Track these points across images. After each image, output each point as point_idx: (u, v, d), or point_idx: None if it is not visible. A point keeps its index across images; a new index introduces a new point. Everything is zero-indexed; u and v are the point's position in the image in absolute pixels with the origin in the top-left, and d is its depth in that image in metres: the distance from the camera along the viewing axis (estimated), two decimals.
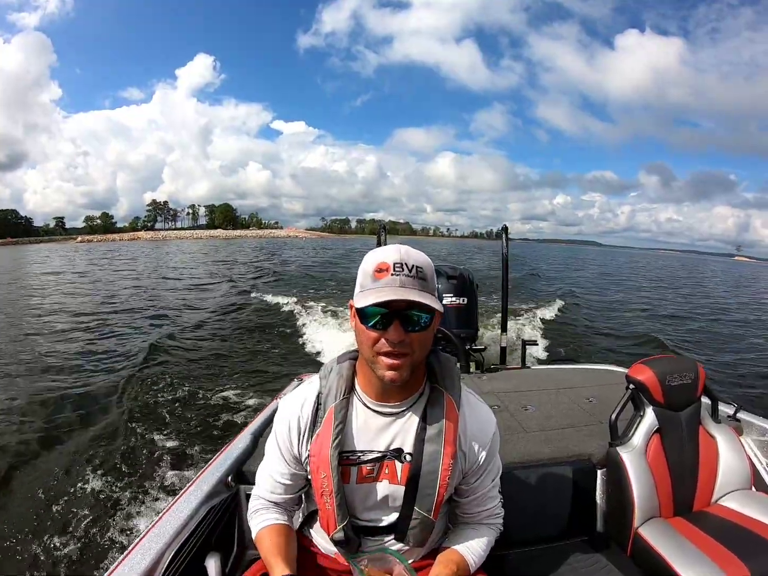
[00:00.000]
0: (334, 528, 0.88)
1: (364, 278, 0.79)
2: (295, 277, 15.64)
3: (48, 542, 2.35)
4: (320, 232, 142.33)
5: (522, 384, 2.24)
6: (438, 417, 0.87)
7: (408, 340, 0.78)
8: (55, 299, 11.54)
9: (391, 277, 0.76)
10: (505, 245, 3.21)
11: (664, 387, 1.39)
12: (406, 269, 0.77)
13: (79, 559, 2.26)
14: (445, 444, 0.85)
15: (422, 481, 0.86)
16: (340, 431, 0.86)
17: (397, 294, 0.75)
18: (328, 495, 0.86)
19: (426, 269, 0.79)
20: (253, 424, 1.66)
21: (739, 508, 1.35)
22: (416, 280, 0.77)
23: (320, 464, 0.86)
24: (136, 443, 3.37)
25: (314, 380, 0.94)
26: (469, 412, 0.91)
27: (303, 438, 0.90)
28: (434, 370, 0.91)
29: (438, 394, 0.89)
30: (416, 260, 0.79)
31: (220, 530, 1.32)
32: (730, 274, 43.37)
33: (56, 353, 6.35)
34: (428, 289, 0.79)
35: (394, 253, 0.78)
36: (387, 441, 0.88)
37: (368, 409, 0.89)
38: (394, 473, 0.88)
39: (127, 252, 37.74)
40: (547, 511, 1.44)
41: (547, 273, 23.45)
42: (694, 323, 10.53)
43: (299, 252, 37.09)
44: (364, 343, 0.80)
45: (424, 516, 0.87)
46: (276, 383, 4.66)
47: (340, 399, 0.88)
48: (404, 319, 0.77)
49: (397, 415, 0.88)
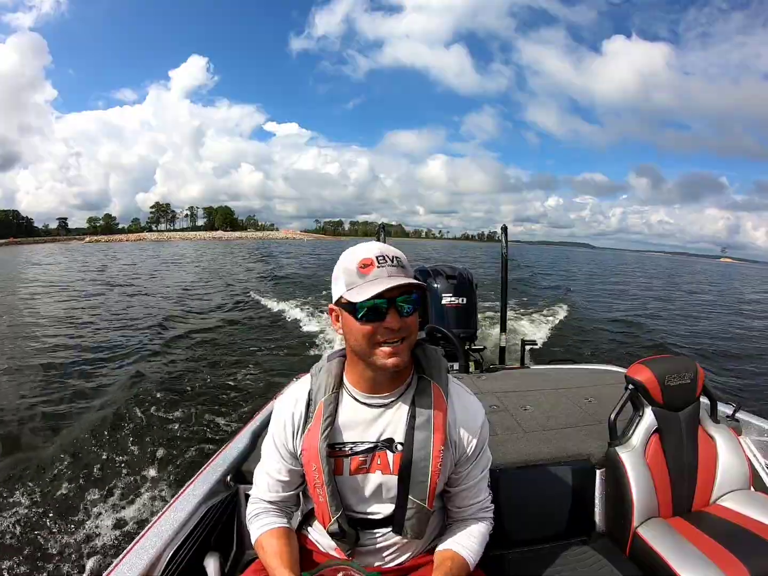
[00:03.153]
0: (329, 520, 0.90)
1: (350, 276, 0.82)
2: (296, 278, 15.68)
3: (47, 542, 2.36)
4: (316, 234, 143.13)
5: (521, 384, 2.23)
6: (426, 405, 0.89)
7: (404, 326, 0.82)
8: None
9: (378, 269, 0.80)
10: (504, 246, 3.22)
11: (663, 387, 1.39)
12: (388, 260, 0.82)
13: (79, 559, 2.26)
14: (434, 431, 0.88)
15: (414, 469, 0.88)
16: (329, 424, 0.89)
17: (393, 282, 0.78)
18: (320, 487, 0.89)
19: (402, 258, 0.85)
20: (252, 424, 1.66)
21: (737, 508, 1.35)
22: (399, 268, 0.82)
23: (311, 457, 0.88)
24: (135, 443, 3.37)
25: (306, 379, 0.97)
26: (457, 402, 0.94)
27: (297, 434, 0.93)
28: (420, 361, 0.94)
29: (425, 384, 0.92)
30: (393, 252, 0.85)
31: (219, 530, 1.32)
32: (705, 274, 44.14)
33: (79, 345, 6.59)
34: (410, 275, 0.84)
35: (373, 249, 0.84)
36: (378, 432, 0.90)
37: (357, 402, 0.91)
38: (386, 463, 0.90)
39: (154, 252, 38.99)
40: (546, 511, 1.44)
41: (543, 274, 23.48)
42: (694, 323, 10.53)
43: (299, 251, 37.40)
44: (358, 338, 0.82)
45: (419, 505, 0.88)
46: (276, 383, 4.66)
47: (329, 393, 0.91)
48: (397, 306, 0.81)
49: (386, 406, 0.91)
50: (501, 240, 3.27)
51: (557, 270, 30.53)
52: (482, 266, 22.15)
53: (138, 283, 15.33)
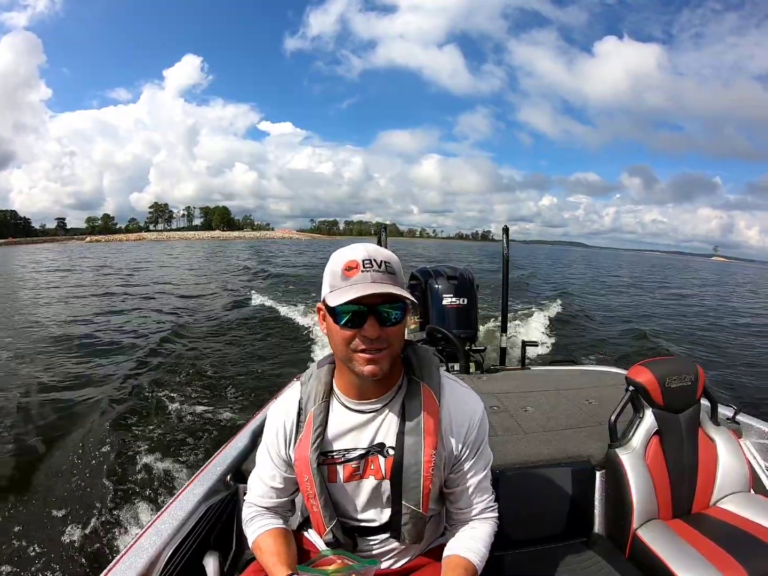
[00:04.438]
0: (323, 530, 0.89)
1: (334, 278, 0.79)
2: (296, 279, 15.68)
3: (47, 541, 2.35)
4: (311, 234, 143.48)
5: (522, 385, 2.23)
6: (416, 408, 0.87)
7: (384, 335, 0.78)
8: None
9: (361, 273, 0.77)
10: (505, 246, 3.23)
11: (663, 389, 1.39)
12: (375, 265, 0.77)
13: (78, 558, 2.25)
14: (425, 435, 0.86)
15: (405, 474, 0.86)
16: (319, 434, 0.87)
17: (371, 289, 0.75)
18: (313, 498, 0.88)
19: (394, 264, 0.80)
20: (252, 423, 1.66)
21: (737, 510, 1.35)
22: (386, 274, 0.78)
23: (302, 468, 0.88)
24: (135, 443, 3.37)
25: (296, 387, 0.96)
26: (451, 400, 0.91)
27: (289, 443, 0.92)
28: (411, 363, 0.91)
29: (416, 386, 0.89)
30: (384, 256, 0.80)
31: (219, 529, 1.31)
32: (702, 274, 44.37)
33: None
34: (398, 282, 0.80)
35: (361, 251, 0.79)
36: (370, 437, 0.89)
37: (348, 409, 0.89)
38: (378, 468, 0.89)
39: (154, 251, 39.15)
40: (546, 512, 1.44)
41: (540, 274, 23.47)
42: (693, 324, 10.51)
43: (297, 249, 37.51)
44: (338, 343, 0.80)
45: (413, 510, 0.87)
46: (276, 382, 4.66)
47: (319, 402, 0.89)
48: (378, 315, 0.77)
49: (377, 411, 0.89)
50: (502, 240, 3.27)
51: (555, 270, 30.52)
52: (472, 265, 22.16)
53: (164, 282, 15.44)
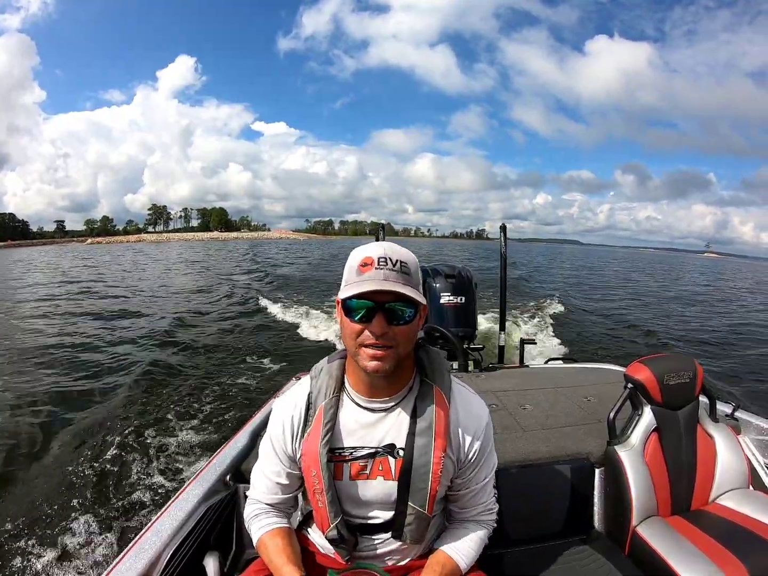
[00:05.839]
0: (327, 526, 0.89)
1: (350, 273, 0.81)
2: (296, 279, 15.69)
3: (47, 541, 2.35)
4: (308, 234, 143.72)
5: (520, 383, 2.23)
6: (428, 410, 0.87)
7: (391, 334, 0.79)
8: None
9: (375, 270, 0.78)
10: (503, 244, 3.22)
11: (662, 386, 1.39)
12: (390, 263, 0.78)
13: (78, 559, 2.25)
14: (435, 437, 0.86)
15: (414, 476, 0.86)
16: (329, 429, 0.87)
17: (380, 286, 0.76)
18: (319, 493, 0.87)
19: (410, 264, 0.81)
20: (252, 423, 1.66)
21: (736, 507, 1.35)
22: (400, 274, 0.79)
23: (310, 462, 0.87)
24: (134, 443, 3.36)
25: (305, 381, 0.95)
26: (461, 405, 0.92)
27: (296, 438, 0.91)
28: (423, 364, 0.92)
29: (427, 388, 0.89)
30: (400, 255, 0.80)
31: (219, 529, 1.31)
32: (699, 271, 44.57)
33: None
34: (412, 283, 0.80)
35: (378, 249, 0.80)
36: (379, 437, 0.89)
37: (358, 406, 0.89)
38: (388, 469, 0.88)
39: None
40: (545, 510, 1.44)
41: (538, 272, 23.49)
42: (693, 322, 10.53)
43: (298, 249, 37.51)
44: (348, 335, 0.81)
45: (418, 511, 0.87)
46: (275, 382, 4.66)
47: (330, 398, 0.89)
48: (388, 312, 0.78)
49: (387, 410, 0.89)
50: (500, 239, 3.27)
51: (551, 267, 30.55)
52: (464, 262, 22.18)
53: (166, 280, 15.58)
